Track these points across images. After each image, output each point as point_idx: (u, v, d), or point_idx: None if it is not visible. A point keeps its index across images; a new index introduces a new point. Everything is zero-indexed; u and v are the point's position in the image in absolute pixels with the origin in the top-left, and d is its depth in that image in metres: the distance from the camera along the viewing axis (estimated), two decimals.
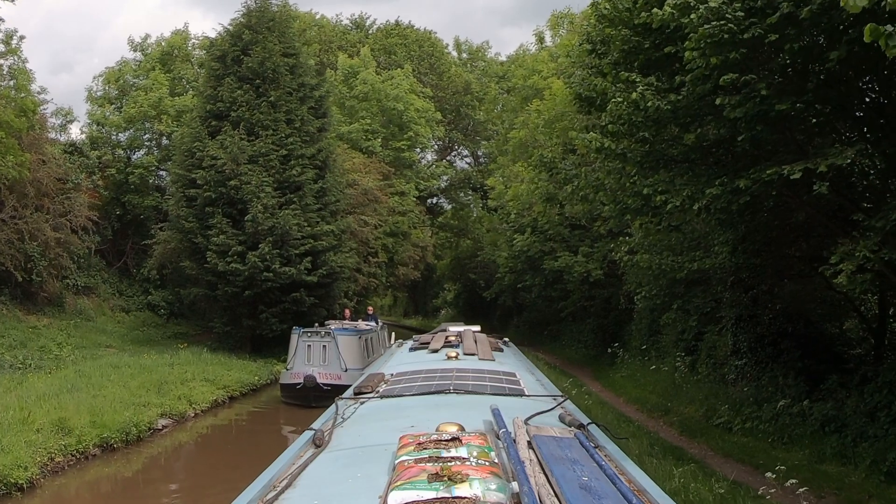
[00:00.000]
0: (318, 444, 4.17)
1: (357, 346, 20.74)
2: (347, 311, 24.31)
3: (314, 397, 18.95)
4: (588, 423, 4.54)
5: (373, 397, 5.84)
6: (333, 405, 5.51)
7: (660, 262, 13.77)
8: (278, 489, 3.33)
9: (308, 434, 4.47)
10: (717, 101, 8.63)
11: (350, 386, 6.41)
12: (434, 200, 58.34)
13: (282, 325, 26.74)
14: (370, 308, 25.84)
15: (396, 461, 3.23)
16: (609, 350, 27.19)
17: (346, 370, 19.58)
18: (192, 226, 26.83)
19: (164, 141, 37.23)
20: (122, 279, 36.89)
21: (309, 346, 20.53)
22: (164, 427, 17.24)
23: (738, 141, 9.08)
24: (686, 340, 21.15)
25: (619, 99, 9.51)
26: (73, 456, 13.71)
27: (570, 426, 4.46)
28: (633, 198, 10.61)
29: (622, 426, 14.77)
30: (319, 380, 19.61)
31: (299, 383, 19.74)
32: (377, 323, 24.55)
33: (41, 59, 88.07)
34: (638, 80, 9.53)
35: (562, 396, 5.72)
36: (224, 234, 26.11)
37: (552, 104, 24.11)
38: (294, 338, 20.99)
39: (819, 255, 14.14)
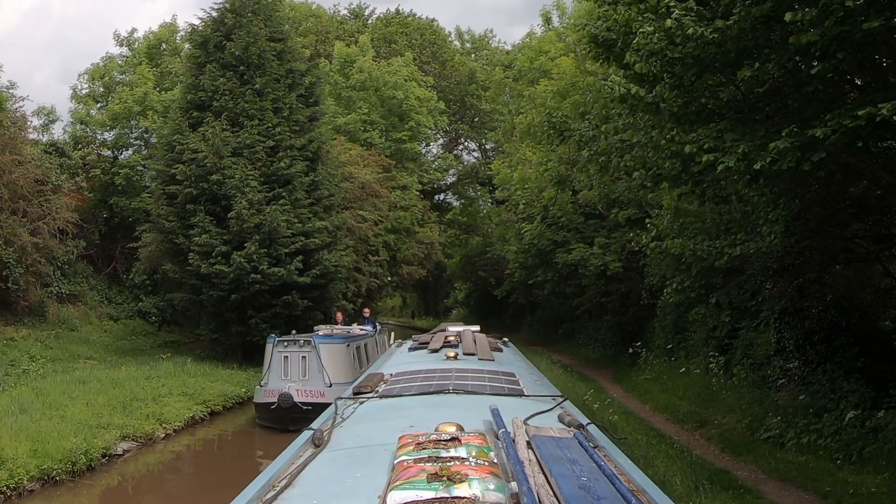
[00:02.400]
0: (318, 443, 4.15)
1: (344, 356, 17.81)
2: (339, 315, 21.80)
3: (291, 419, 16.15)
4: (587, 424, 4.45)
5: (372, 397, 5.80)
6: (333, 405, 5.41)
7: (694, 247, 11.48)
8: (277, 489, 3.31)
9: (307, 434, 4.42)
10: (787, 17, 6.38)
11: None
12: (441, 197, 56.21)
13: (273, 330, 24.53)
14: (367, 310, 23.30)
15: (395, 461, 3.23)
16: (630, 350, 24.87)
17: (330, 385, 16.63)
18: (172, 225, 24.71)
19: (153, 139, 35.16)
20: (111, 286, 34.90)
21: (286, 357, 17.38)
22: (125, 452, 15.07)
23: (812, 75, 6.80)
24: (718, 338, 18.85)
25: (650, 29, 7.27)
26: (2, 493, 11.57)
27: (569, 426, 4.39)
28: (669, 160, 8.30)
29: (654, 445, 12.47)
30: (297, 398, 16.67)
31: (273, 402, 16.87)
32: (375, 327, 22.02)
33: (52, 66, 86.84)
34: (672, 3, 7.28)
35: (561, 396, 5.60)
36: (207, 233, 23.95)
37: (561, 82, 21.79)
38: (268, 348, 17.93)
39: (888, 234, 11.86)
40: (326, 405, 7.63)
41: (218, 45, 26.34)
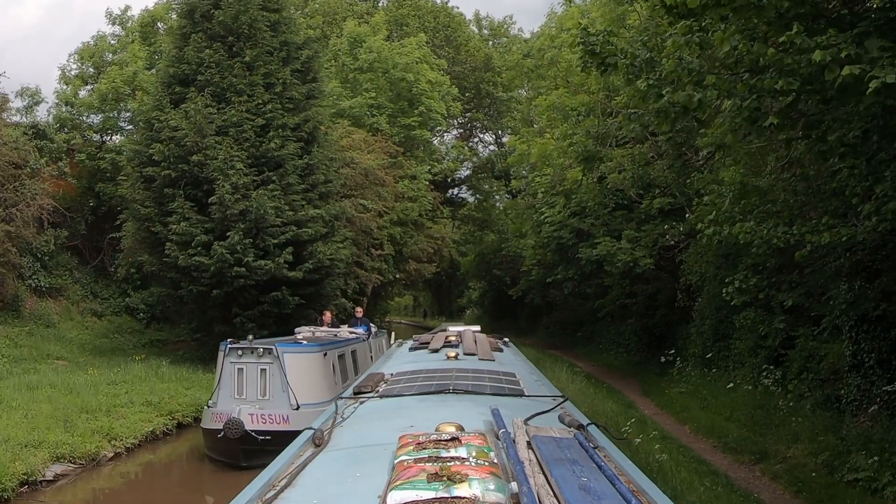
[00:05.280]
0: (318, 443, 4.11)
1: (318, 369, 13.89)
2: (327, 314, 18.85)
3: (243, 454, 12.59)
4: (588, 424, 4.35)
5: (372, 397, 5.74)
6: (333, 405, 5.25)
7: (766, 234, 8.70)
8: (277, 488, 3.27)
9: (307, 433, 4.33)
10: None
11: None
12: (455, 191, 53.51)
13: (261, 331, 21.96)
14: (359, 310, 20.24)
15: (396, 461, 3.21)
16: (663, 359, 22.04)
17: (297, 408, 12.92)
18: (149, 211, 22.13)
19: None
20: (97, 279, 32.47)
21: (240, 369, 13.44)
22: (57, 477, 12.46)
23: None
24: (770, 348, 16.03)
25: None
26: None
27: (569, 427, 4.27)
28: (784, 79, 5.43)
29: (710, 489, 9.66)
30: (250, 425, 12.71)
31: (220, 430, 12.91)
32: (369, 329, 18.65)
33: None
34: None
35: (561, 397, 5.49)
36: (186, 220, 21.36)
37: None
38: (220, 356, 13.96)
39: None
40: (291, 434, 5.65)
41: (205, 13, 23.75)
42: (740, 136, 6.49)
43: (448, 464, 2.98)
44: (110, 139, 33.67)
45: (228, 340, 13.88)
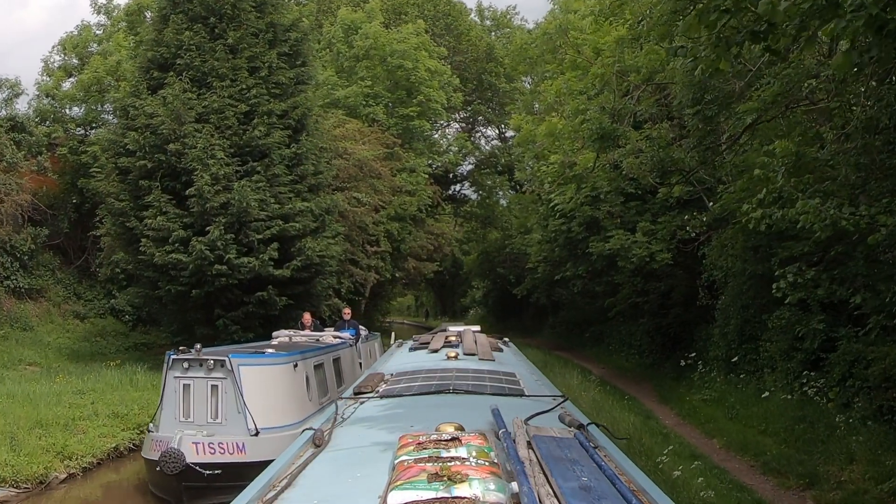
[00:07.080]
0: (318, 443, 4.10)
1: (286, 384, 11.33)
2: (307, 316, 16.99)
3: (185, 492, 10.05)
4: (588, 424, 4.34)
5: (372, 397, 5.73)
6: (333, 405, 5.24)
7: (834, 214, 7.01)
8: (278, 489, 3.28)
9: (308, 434, 4.32)
10: None
11: (263, 463, 4.26)
12: (457, 188, 51.86)
13: (246, 333, 20.37)
14: (346, 311, 18.17)
15: (396, 461, 3.20)
16: (682, 362, 20.31)
17: (255, 434, 10.36)
18: (124, 205, 20.48)
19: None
20: (81, 279, 30.91)
21: (185, 385, 10.74)
22: None
23: None
24: (807, 351, 14.30)
25: None
26: None
27: (569, 426, 4.29)
28: None
29: None
30: (194, 456, 10.01)
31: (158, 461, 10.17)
32: (358, 333, 16.50)
33: None
34: None
35: (562, 397, 5.52)
36: (163, 214, 19.69)
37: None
38: (164, 370, 11.22)
39: None
40: (248, 467, 5.95)
41: None
42: (856, 58, 4.74)
43: (448, 464, 3.01)
44: (94, 132, 32.09)
45: (173, 350, 11.39)
